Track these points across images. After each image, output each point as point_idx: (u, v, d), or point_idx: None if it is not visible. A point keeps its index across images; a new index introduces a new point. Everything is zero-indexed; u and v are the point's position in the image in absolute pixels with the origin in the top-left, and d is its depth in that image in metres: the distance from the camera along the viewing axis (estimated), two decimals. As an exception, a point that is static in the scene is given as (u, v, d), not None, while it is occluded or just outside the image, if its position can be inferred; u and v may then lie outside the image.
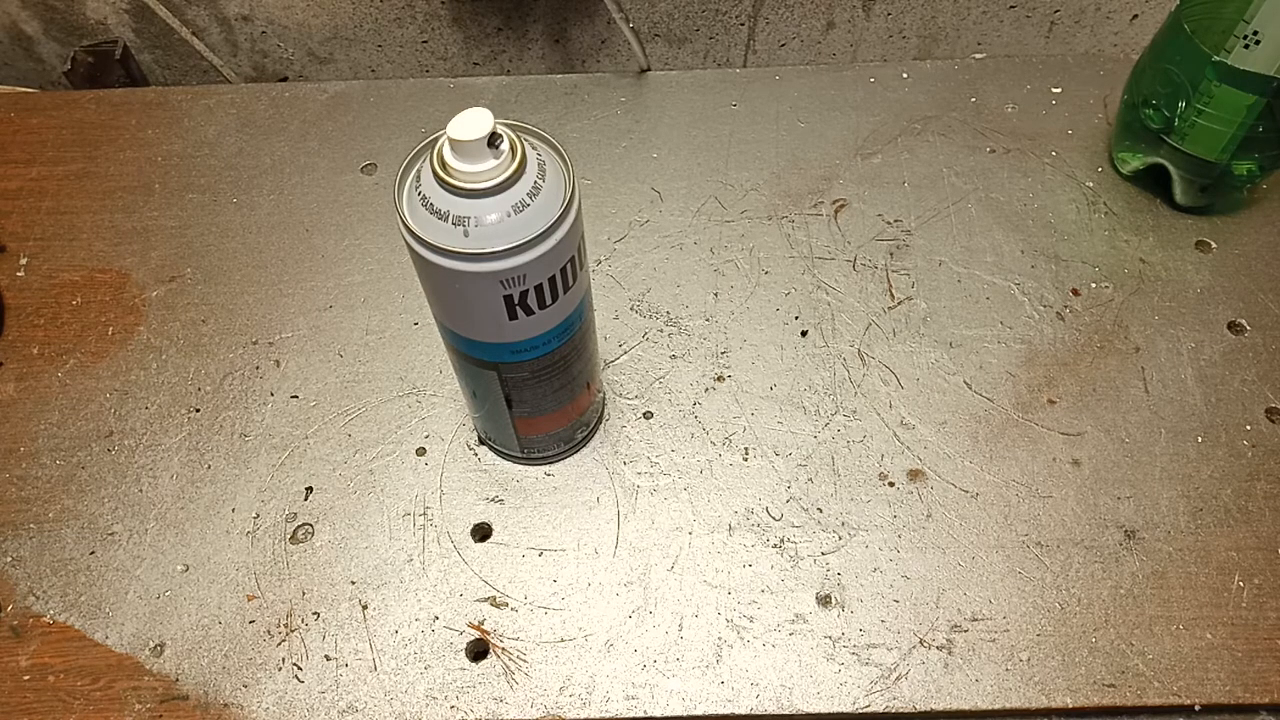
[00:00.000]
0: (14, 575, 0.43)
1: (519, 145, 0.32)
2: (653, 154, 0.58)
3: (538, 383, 0.39)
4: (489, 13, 0.69)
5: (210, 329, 0.51)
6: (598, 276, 0.53)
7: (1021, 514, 0.44)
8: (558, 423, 0.43)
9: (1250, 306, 0.51)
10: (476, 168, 0.31)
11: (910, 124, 0.59)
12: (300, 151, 0.58)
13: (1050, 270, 0.52)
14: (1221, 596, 0.42)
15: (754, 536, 0.44)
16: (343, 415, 0.48)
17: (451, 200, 0.32)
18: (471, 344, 0.37)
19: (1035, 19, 0.71)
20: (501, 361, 0.38)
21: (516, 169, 0.32)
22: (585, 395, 0.43)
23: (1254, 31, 0.45)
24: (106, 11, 0.69)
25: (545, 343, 0.37)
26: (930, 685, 0.40)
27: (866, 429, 0.47)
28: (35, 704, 0.40)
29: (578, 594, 0.43)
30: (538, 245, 0.33)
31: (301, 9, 0.69)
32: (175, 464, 0.46)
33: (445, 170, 0.32)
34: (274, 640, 0.41)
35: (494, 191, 0.32)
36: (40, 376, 0.49)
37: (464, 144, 0.31)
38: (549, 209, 0.33)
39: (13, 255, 0.54)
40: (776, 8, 0.69)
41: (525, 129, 0.34)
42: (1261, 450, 0.46)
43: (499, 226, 0.32)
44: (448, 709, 0.40)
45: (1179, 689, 0.40)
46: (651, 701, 0.40)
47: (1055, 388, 0.48)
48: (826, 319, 0.51)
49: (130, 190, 0.57)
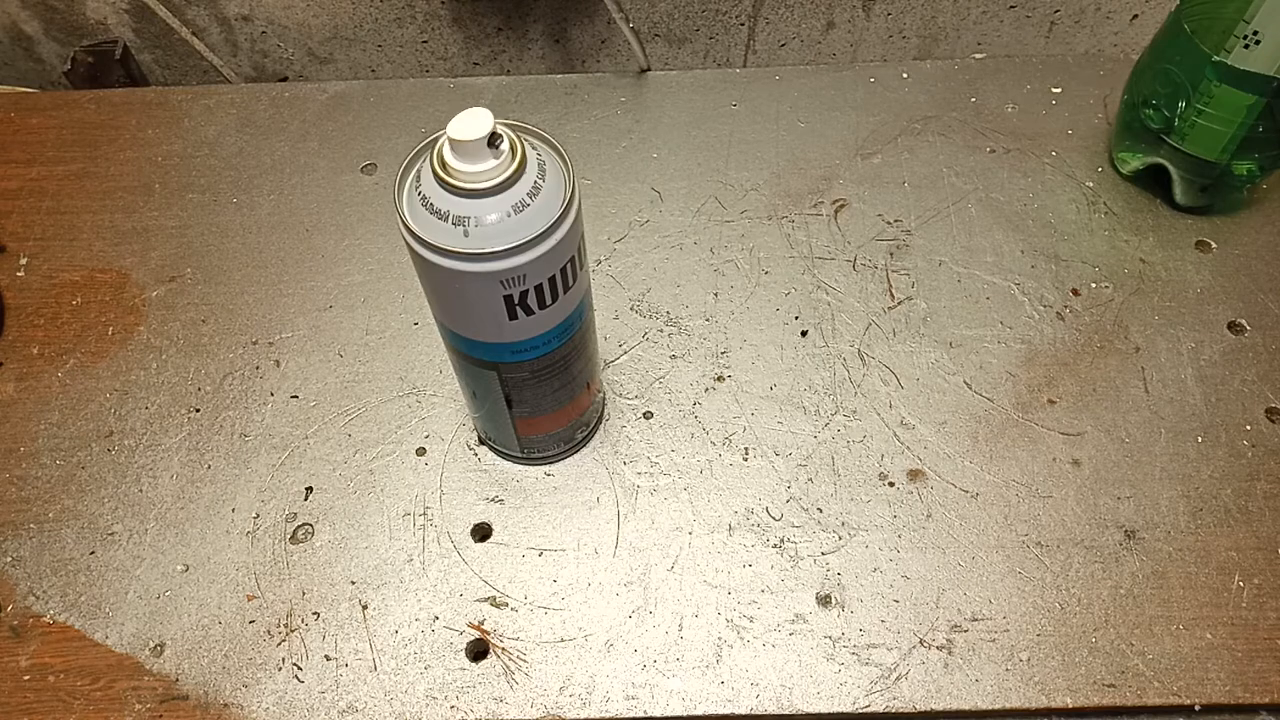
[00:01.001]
0: (14, 575, 0.43)
1: (519, 145, 0.32)
2: (653, 154, 0.58)
3: (538, 383, 0.39)
4: (489, 13, 0.69)
5: (210, 329, 0.51)
6: (598, 276, 0.53)
7: (1021, 514, 0.44)
8: (558, 423, 0.43)
9: (1250, 306, 0.51)
10: (476, 168, 0.31)
11: (910, 124, 0.59)
12: (300, 151, 0.58)
13: (1050, 270, 0.52)
14: (1221, 596, 0.42)
15: (754, 536, 0.44)
16: (343, 415, 0.48)
17: (451, 200, 0.32)
18: (471, 344, 0.37)
19: (1035, 19, 0.71)
20: (501, 361, 0.38)
21: (516, 169, 0.32)
22: (585, 395, 0.43)
23: (1254, 31, 0.45)
24: (106, 11, 0.69)
25: (545, 343, 0.37)
26: (930, 685, 0.40)
27: (866, 429, 0.47)
28: (35, 704, 0.40)
29: (578, 594, 0.43)
30: (538, 245, 0.33)
31: (301, 9, 0.69)
32: (175, 464, 0.46)
33: (445, 170, 0.32)
34: (274, 640, 0.41)
35: (494, 191, 0.32)
36: (40, 376, 0.49)
37: (464, 144, 0.31)
38: (549, 209, 0.33)
39: (13, 255, 0.54)
40: (776, 8, 0.69)
41: (525, 129, 0.34)
42: (1261, 450, 0.46)
43: (499, 226, 0.32)
44: (448, 709, 0.40)
45: (1179, 689, 0.40)
46: (651, 701, 0.40)
47: (1055, 388, 0.48)
48: (826, 319, 0.51)
49: (130, 190, 0.57)
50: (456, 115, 0.31)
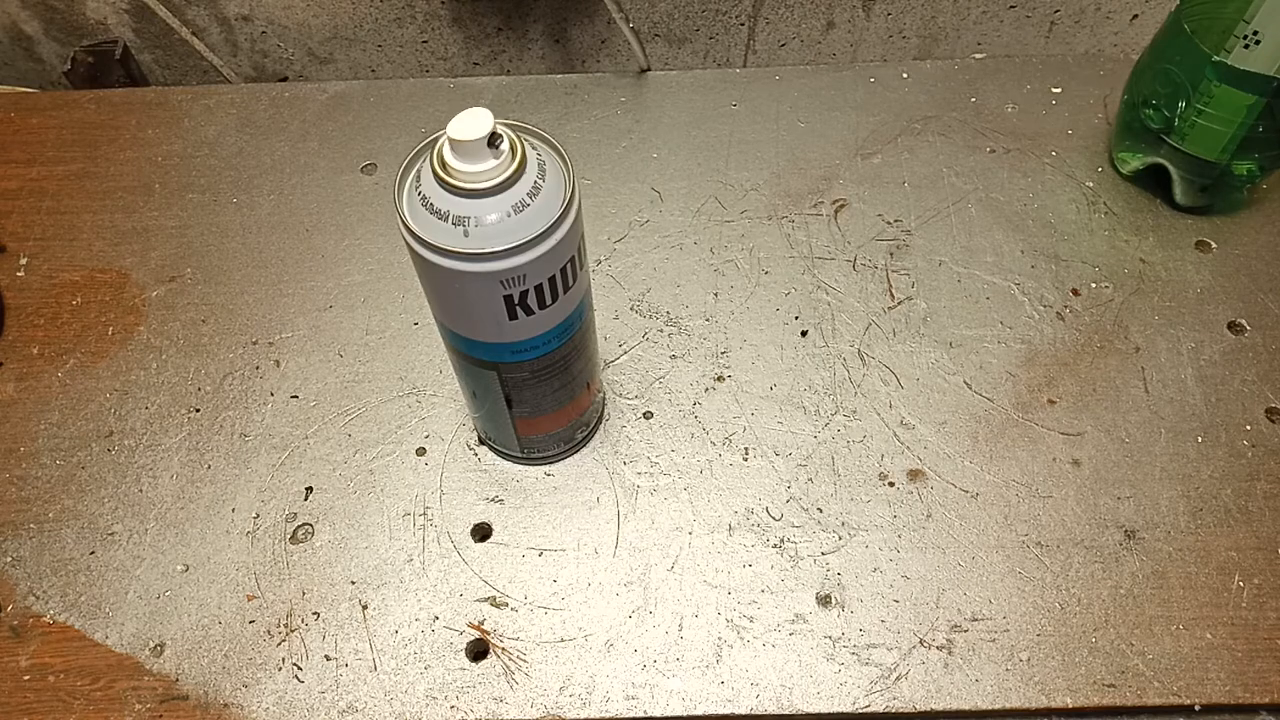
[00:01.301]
0: (14, 575, 0.43)
1: (519, 145, 0.32)
2: (653, 154, 0.58)
3: (538, 383, 0.39)
4: (489, 13, 0.69)
5: (210, 329, 0.51)
6: (598, 276, 0.53)
7: (1021, 514, 0.44)
8: (558, 423, 0.43)
9: (1250, 306, 0.51)
10: (477, 167, 0.31)
11: (910, 124, 0.59)
12: (300, 151, 0.58)
13: (1050, 270, 0.52)
14: (1221, 596, 0.42)
15: (754, 536, 0.44)
16: (343, 415, 0.48)
17: (452, 200, 0.32)
18: (472, 344, 0.37)
19: (1035, 19, 0.71)
20: (501, 361, 0.38)
21: (517, 169, 0.32)
22: (585, 395, 0.43)
23: (1254, 31, 0.45)
24: (106, 11, 0.69)
25: (545, 343, 0.37)
26: (930, 685, 0.40)
27: (866, 429, 0.47)
28: (35, 704, 0.40)
29: (578, 594, 0.43)
30: (538, 245, 0.33)
31: (301, 9, 0.69)
32: (175, 464, 0.46)
33: (445, 170, 0.32)
34: (274, 640, 0.41)
35: (494, 191, 0.32)
36: (40, 376, 0.49)
37: (464, 144, 0.31)
38: (549, 209, 0.33)
39: (13, 255, 0.54)
40: (776, 8, 0.69)
41: (525, 129, 0.34)
42: (1261, 450, 0.46)
43: (499, 226, 0.32)
44: (448, 709, 0.40)
45: (1179, 689, 0.40)
46: (651, 701, 0.40)
47: (1055, 388, 0.48)
48: (826, 319, 0.51)
49: (130, 190, 0.57)
50: (456, 115, 0.31)
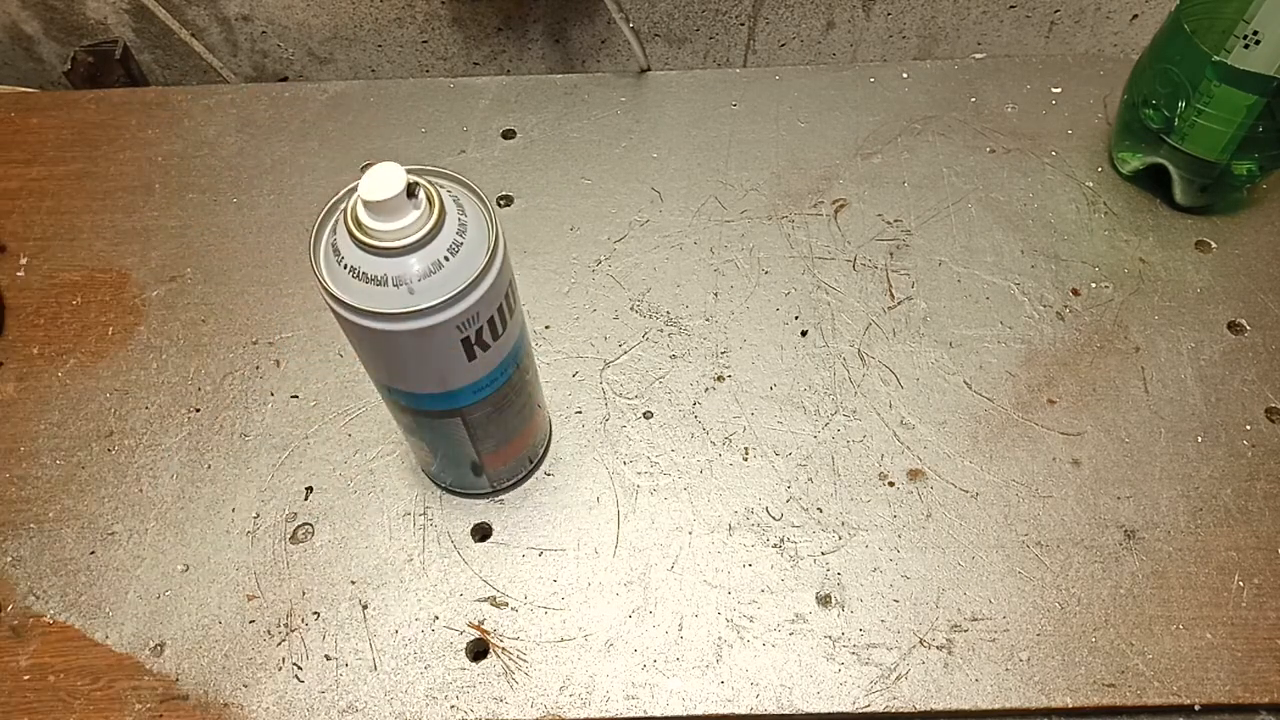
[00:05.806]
0: (14, 575, 0.43)
1: (430, 188, 0.31)
2: (653, 154, 0.58)
3: (500, 413, 0.39)
4: (489, 13, 0.69)
5: (210, 329, 0.51)
6: (598, 276, 0.53)
7: (1021, 514, 0.44)
8: (523, 443, 0.43)
9: (1250, 306, 0.51)
10: (401, 223, 0.30)
11: (910, 124, 0.59)
12: (300, 151, 0.58)
13: (1050, 270, 0.52)
14: (1221, 596, 0.42)
15: (754, 536, 0.44)
16: (343, 415, 0.48)
17: (385, 263, 0.31)
18: (433, 398, 0.36)
19: (1035, 19, 0.71)
20: (463, 405, 0.37)
21: (439, 210, 0.31)
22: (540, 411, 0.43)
23: (1254, 31, 0.45)
24: (106, 11, 0.69)
25: (503, 371, 0.37)
26: (930, 685, 0.40)
27: (866, 429, 0.47)
28: (35, 704, 0.40)
29: (578, 594, 0.43)
30: (484, 279, 0.32)
31: (301, 9, 0.69)
32: (175, 464, 0.46)
33: (369, 235, 0.31)
34: (274, 640, 0.41)
35: (427, 240, 0.31)
36: (40, 376, 0.49)
37: (384, 203, 0.30)
38: (480, 240, 0.32)
39: (13, 255, 0.54)
40: (776, 8, 0.69)
41: (417, 169, 0.33)
42: (1261, 450, 0.46)
43: (442, 273, 0.31)
44: (448, 709, 0.40)
45: (1179, 689, 0.40)
46: (651, 701, 0.40)
47: (1055, 388, 0.48)
48: (826, 319, 0.51)
49: (130, 190, 0.57)
50: (363, 179, 0.30)
